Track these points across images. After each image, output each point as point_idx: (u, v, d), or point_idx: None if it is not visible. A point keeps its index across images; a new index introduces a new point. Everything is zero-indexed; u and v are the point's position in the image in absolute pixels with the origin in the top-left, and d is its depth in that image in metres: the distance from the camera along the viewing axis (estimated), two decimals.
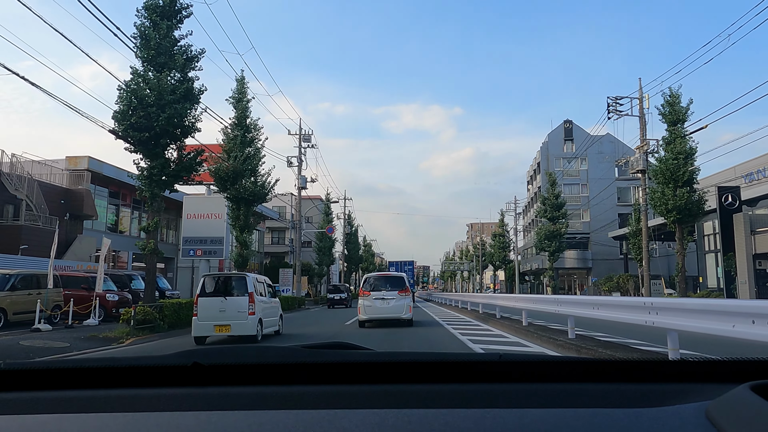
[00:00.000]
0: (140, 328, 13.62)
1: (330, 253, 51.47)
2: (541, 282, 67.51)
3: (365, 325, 15.29)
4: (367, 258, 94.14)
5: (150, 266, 14.61)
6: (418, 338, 12.28)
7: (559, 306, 10.46)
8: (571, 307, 9.79)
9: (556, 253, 44.43)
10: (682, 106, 24.78)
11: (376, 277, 16.72)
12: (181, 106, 14.30)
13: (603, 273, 53.28)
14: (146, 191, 14.52)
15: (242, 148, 22.58)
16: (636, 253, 31.49)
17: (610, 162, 56.32)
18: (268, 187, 23.26)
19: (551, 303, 11.15)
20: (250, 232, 23.08)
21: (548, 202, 45.03)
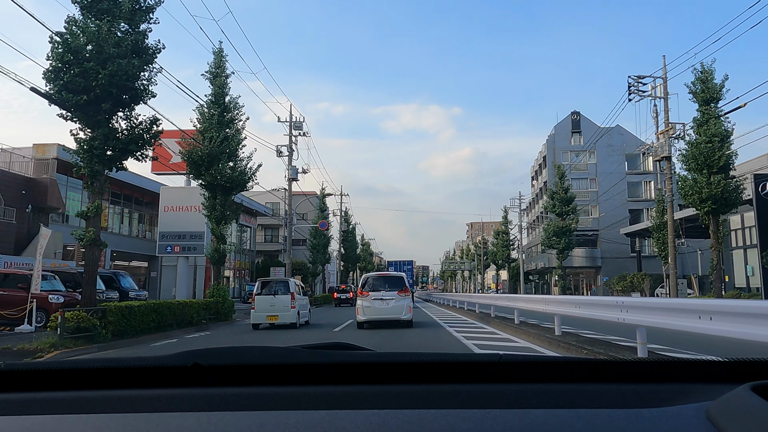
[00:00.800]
0: (73, 337, 10.87)
1: (325, 252, 48.65)
2: (547, 282, 64.76)
3: (364, 326, 14.84)
4: (365, 257, 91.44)
5: (90, 260, 11.84)
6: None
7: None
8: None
9: (565, 250, 41.67)
10: (715, 82, 22.04)
11: (374, 277, 16.25)
12: (127, 63, 11.53)
13: (613, 272, 50.56)
14: (85, 168, 11.75)
15: (219, 129, 19.82)
16: (660, 250, 28.65)
17: (620, 155, 53.71)
18: (249, 173, 20.49)
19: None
20: (228, 223, 20.28)
21: (557, 196, 42.25)
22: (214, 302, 18.74)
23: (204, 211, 20.16)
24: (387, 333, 13.36)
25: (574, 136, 55.66)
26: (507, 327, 13.61)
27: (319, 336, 13.71)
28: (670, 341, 9.77)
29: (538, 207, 62.28)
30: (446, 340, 11.94)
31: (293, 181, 32.93)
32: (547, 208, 43.28)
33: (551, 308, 10.71)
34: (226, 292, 19.75)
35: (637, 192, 53.34)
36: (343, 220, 60.84)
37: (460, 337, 12.18)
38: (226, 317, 19.61)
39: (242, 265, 49.99)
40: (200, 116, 20.20)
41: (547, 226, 42.37)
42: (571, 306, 9.60)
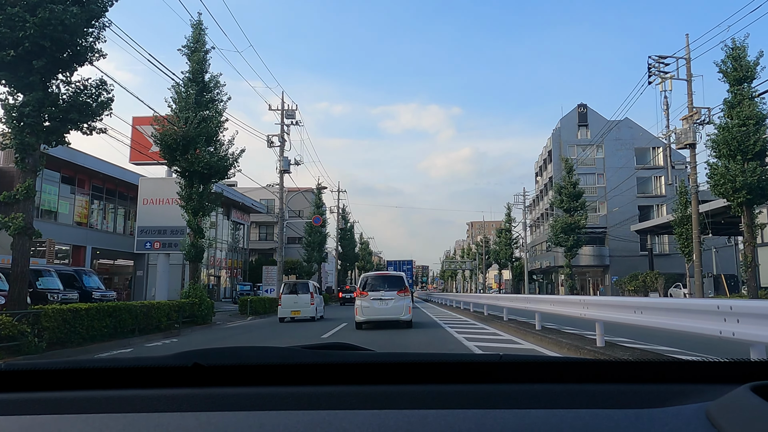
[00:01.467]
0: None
1: (321, 249, 46.49)
2: (552, 281, 62.61)
3: (362, 326, 14.65)
4: (364, 256, 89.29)
5: (20, 252, 9.66)
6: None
7: (636, 313, 7.71)
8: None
9: (573, 248, 39.52)
10: (748, 60, 19.91)
11: (373, 276, 15.97)
12: (63, 10, 9.35)
13: (622, 271, 48.43)
14: (13, 140, 9.57)
15: (197, 110, 17.67)
16: (683, 246, 26.46)
17: (629, 149, 51.55)
18: (231, 159, 18.32)
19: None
20: (207, 215, 18.13)
21: (564, 190, 40.10)
22: (188, 304, 16.58)
23: (180, 201, 17.98)
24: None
25: (581, 129, 53.50)
26: (528, 335, 11.52)
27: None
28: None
29: (543, 204, 60.14)
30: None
31: (285, 173, 30.77)
32: (554, 203, 41.14)
33: (593, 313, 8.48)
34: (204, 291, 17.60)
35: (647, 188, 51.19)
36: (341, 217, 58.65)
37: (471, 346, 10.51)
38: (204, 320, 17.45)
39: (235, 264, 47.83)
40: (176, 95, 18.05)
41: (555, 223, 40.22)
42: (625, 311, 7.36)
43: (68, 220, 31.20)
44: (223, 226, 45.46)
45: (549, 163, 56.21)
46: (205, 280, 39.56)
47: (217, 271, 43.49)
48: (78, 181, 32.29)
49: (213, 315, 18.71)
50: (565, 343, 9.14)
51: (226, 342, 12.72)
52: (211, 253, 42.27)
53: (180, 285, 41.88)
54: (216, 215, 41.21)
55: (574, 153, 52.15)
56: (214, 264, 42.82)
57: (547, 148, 56.88)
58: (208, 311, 17.68)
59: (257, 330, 16.40)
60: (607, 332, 8.87)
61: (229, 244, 46.67)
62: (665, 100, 48.60)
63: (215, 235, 44.27)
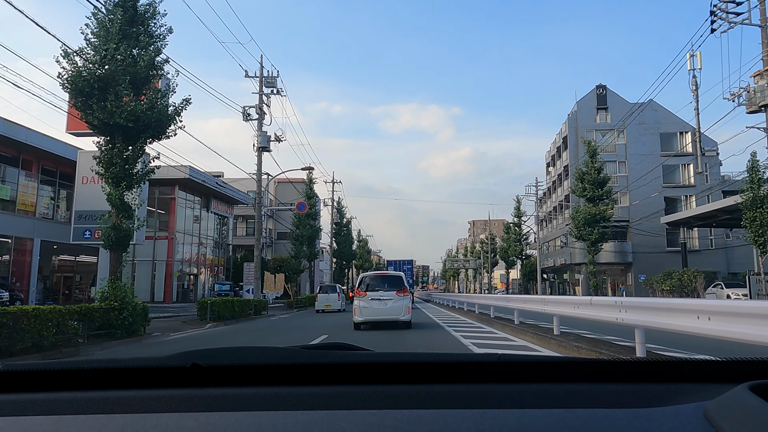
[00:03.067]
0: None
1: (312, 245, 41.57)
2: (564, 280, 57.75)
3: (361, 327, 14.46)
4: (362, 255, 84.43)
5: None
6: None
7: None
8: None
9: (598, 242, 34.70)
10: None
11: (372, 276, 15.80)
12: None
13: (647, 269, 43.60)
14: None
15: (123, 44, 12.85)
16: (757, 235, 21.51)
17: (654, 134, 46.69)
18: (171, 111, 13.49)
19: None
20: (136, 186, 13.31)
21: (587, 177, 35.24)
22: (101, 310, 11.74)
23: (97, 167, 13.14)
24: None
25: (600, 113, 48.62)
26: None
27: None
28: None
29: (557, 195, 55.28)
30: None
31: (264, 151, 25.92)
32: (575, 191, 36.27)
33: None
34: (128, 292, 12.75)
35: (674, 177, 46.30)
36: (336, 210, 53.78)
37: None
38: (130, 332, 12.61)
39: (216, 261, 42.96)
40: (97, 26, 13.21)
41: (576, 214, 35.34)
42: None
43: (8, 206, 26.38)
44: (206, 219, 40.61)
45: (564, 151, 51.33)
46: (192, 280, 34.88)
47: (193, 269, 38.62)
48: (23, 162, 27.49)
49: (148, 323, 13.85)
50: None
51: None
52: (186, 249, 37.44)
53: (150, 286, 37.20)
54: (195, 207, 36.46)
55: (593, 139, 47.34)
56: (190, 261, 37.94)
57: (561, 134, 51.98)
58: (137, 319, 12.83)
59: (207, 343, 11.59)
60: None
61: (210, 239, 41.80)
62: (694, 80, 42.94)
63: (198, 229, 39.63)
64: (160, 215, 36.64)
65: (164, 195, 35.90)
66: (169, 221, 35.88)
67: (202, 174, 35.03)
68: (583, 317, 9.31)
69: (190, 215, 38.01)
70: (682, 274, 33.96)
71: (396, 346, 10.57)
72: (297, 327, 17.50)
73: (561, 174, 51.95)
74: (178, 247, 36.22)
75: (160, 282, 35.16)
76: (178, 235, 36.04)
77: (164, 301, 33.72)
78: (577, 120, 48.37)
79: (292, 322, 19.93)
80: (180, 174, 33.88)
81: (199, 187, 37.66)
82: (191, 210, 38.19)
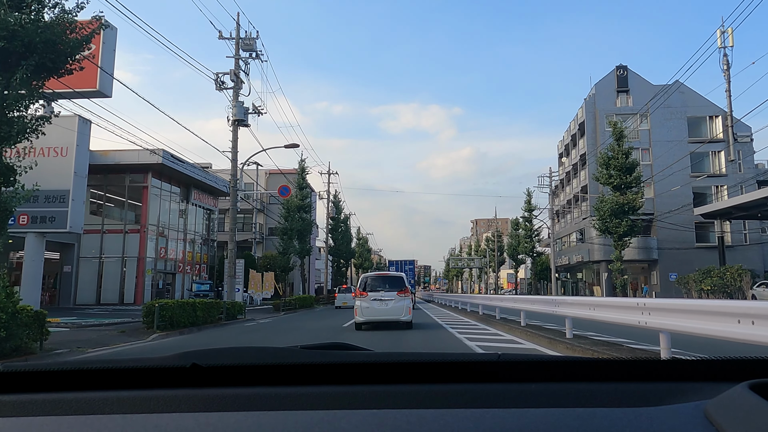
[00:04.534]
0: None
1: (304, 240, 37.46)
2: (579, 279, 53.63)
3: (362, 327, 14.40)
4: (361, 253, 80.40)
5: None
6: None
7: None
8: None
9: (626, 236, 30.65)
10: None
11: (373, 276, 15.67)
12: None
13: (673, 267, 39.53)
14: None
15: None
16: None
17: (681, 119, 42.52)
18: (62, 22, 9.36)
19: None
20: (19, 139, 9.18)
21: (613, 162, 31.18)
22: None
23: None
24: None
25: (621, 96, 44.47)
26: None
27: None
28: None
29: (571, 188, 51.16)
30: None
31: (241, 125, 21.86)
32: (599, 179, 32.16)
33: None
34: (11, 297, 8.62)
35: (703, 166, 42.11)
36: (332, 204, 49.70)
37: None
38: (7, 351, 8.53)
39: (198, 259, 38.84)
40: None
41: (601, 204, 31.24)
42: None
43: None
44: (187, 212, 36.51)
45: (580, 138, 47.19)
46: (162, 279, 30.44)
47: (171, 267, 34.53)
48: None
49: (45, 337, 9.76)
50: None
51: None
52: (162, 245, 33.35)
53: (119, 286, 33.16)
54: (174, 197, 32.00)
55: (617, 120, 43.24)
56: (166, 258, 33.86)
57: (576, 120, 47.84)
58: (17, 332, 8.73)
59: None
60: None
61: (192, 234, 37.72)
62: (725, 59, 38.36)
63: (177, 223, 35.57)
64: (131, 206, 32.60)
65: (136, 183, 31.84)
66: (141, 213, 31.80)
67: (179, 160, 30.94)
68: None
69: (166, 207, 33.92)
70: (723, 272, 29.90)
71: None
72: (271, 338, 13.51)
73: (577, 164, 47.81)
74: (152, 242, 32.14)
75: (130, 281, 31.10)
76: (152, 228, 31.96)
77: (135, 303, 29.64)
78: (596, 104, 44.24)
79: (268, 331, 15.90)
80: (153, 159, 29.84)
81: (177, 175, 33.61)
82: (168, 201, 34.10)
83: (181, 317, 15.36)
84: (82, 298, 30.78)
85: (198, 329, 16.14)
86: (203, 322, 17.01)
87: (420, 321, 17.44)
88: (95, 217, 31.94)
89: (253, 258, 41.01)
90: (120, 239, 31.44)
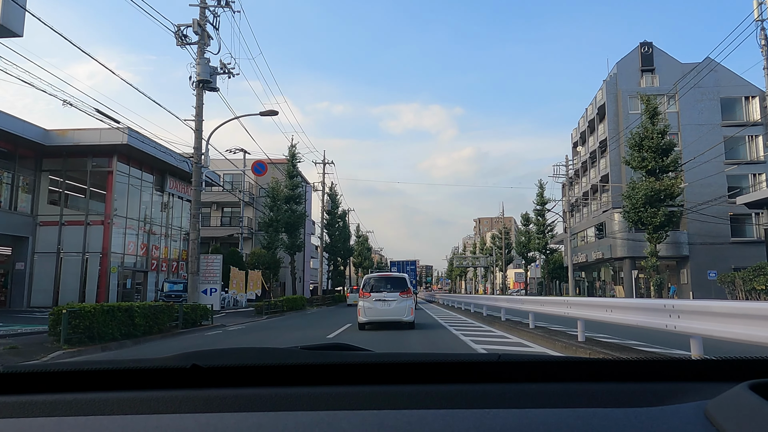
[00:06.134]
0: None
1: (294, 234, 33.36)
2: (596, 279, 49.51)
3: (365, 327, 14.70)
4: (361, 252, 76.47)
5: None
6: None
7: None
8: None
9: (662, 228, 26.58)
10: None
11: (376, 278, 15.75)
12: None
13: (707, 263, 35.47)
14: None
15: None
16: None
17: (713, 100, 38.38)
18: None
19: None
20: None
21: (647, 143, 27.13)
22: None
23: None
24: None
25: (645, 75, 40.38)
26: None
27: None
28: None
29: (588, 179, 47.06)
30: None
31: (206, 87, 17.83)
32: (630, 162, 28.09)
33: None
34: None
35: (739, 153, 37.98)
36: (328, 197, 45.63)
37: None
38: None
39: (175, 255, 34.75)
40: None
41: (633, 191, 27.16)
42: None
43: None
44: (162, 202, 32.47)
45: (599, 123, 43.06)
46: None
47: (143, 264, 30.48)
48: None
49: None
50: None
51: None
52: (132, 239, 29.30)
53: (79, 285, 29.11)
54: (146, 185, 27.70)
55: (637, 106, 39.13)
56: (137, 254, 29.79)
57: (595, 104, 43.70)
58: None
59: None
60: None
61: (169, 228, 33.64)
62: (762, 33, 34.21)
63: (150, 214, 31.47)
64: (95, 195, 28.57)
65: (99, 167, 27.79)
66: (106, 202, 27.75)
67: (148, 141, 26.83)
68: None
69: (137, 195, 29.85)
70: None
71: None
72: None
73: (596, 151, 43.69)
74: (119, 235, 28.09)
75: (92, 281, 27.04)
76: (118, 220, 27.91)
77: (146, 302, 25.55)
78: (617, 84, 40.13)
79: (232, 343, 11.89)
80: (117, 138, 25.85)
81: (150, 160, 29.57)
82: (139, 189, 30.03)
83: (105, 327, 11.33)
84: (37, 299, 26.75)
85: (134, 342, 12.10)
86: (146, 332, 12.99)
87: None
88: (53, 207, 27.90)
89: (239, 255, 37.01)
90: (81, 232, 27.40)
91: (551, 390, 0.97)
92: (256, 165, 24.66)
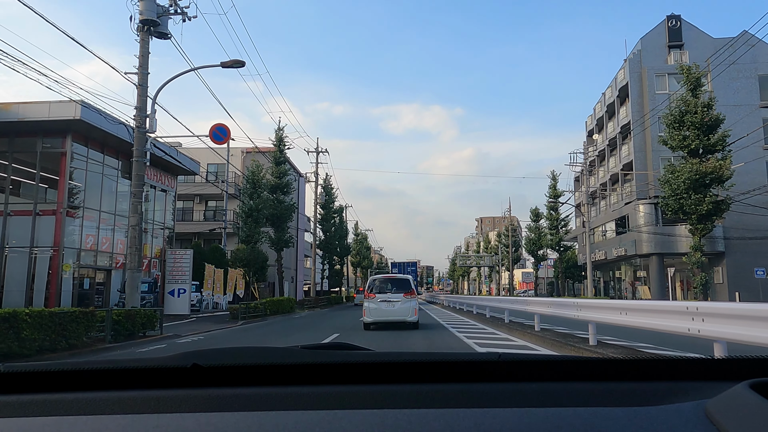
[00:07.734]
0: None
1: (282, 227, 29.42)
2: (611, 278, 45.55)
3: (370, 327, 15.12)
4: (360, 251, 72.62)
5: None
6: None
7: None
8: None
9: (707, 218, 22.71)
10: None
11: (381, 279, 16.33)
12: None
13: (747, 260, 31.62)
14: None
15: None
16: None
17: (751, 78, 34.43)
18: None
19: None
20: None
21: (689, 119, 23.25)
22: None
23: None
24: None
25: (673, 52, 36.46)
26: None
27: None
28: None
29: (606, 168, 43.12)
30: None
31: (153, 32, 13.92)
32: (669, 142, 24.18)
33: None
34: None
35: None
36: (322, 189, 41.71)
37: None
38: None
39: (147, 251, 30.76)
40: None
41: (674, 176, 23.26)
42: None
43: None
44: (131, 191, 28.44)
45: (621, 105, 39.13)
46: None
47: (105, 262, 26.53)
48: None
49: None
50: None
51: None
52: (91, 232, 25.34)
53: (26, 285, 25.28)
54: (109, 171, 23.72)
55: (664, 85, 35.23)
56: (97, 250, 25.82)
57: (616, 85, 39.75)
58: None
59: None
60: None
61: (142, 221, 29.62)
62: None
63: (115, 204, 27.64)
64: (47, 180, 24.66)
65: (51, 148, 23.87)
66: (58, 188, 23.83)
67: (109, 117, 22.89)
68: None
69: (97, 182, 25.89)
70: None
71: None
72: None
73: (616, 137, 39.75)
74: (75, 228, 24.18)
75: (41, 280, 23.12)
76: (73, 210, 23.97)
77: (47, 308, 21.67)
78: (641, 62, 36.20)
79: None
80: (69, 111, 22.00)
81: (113, 141, 25.58)
82: (101, 175, 26.09)
83: (12, 345, 7.43)
84: (9, 302, 22.83)
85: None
86: (43, 349, 9.11)
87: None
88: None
89: (222, 251, 33.15)
90: (29, 223, 23.50)
91: (552, 389, 0.96)
92: (215, 129, 20.59)
